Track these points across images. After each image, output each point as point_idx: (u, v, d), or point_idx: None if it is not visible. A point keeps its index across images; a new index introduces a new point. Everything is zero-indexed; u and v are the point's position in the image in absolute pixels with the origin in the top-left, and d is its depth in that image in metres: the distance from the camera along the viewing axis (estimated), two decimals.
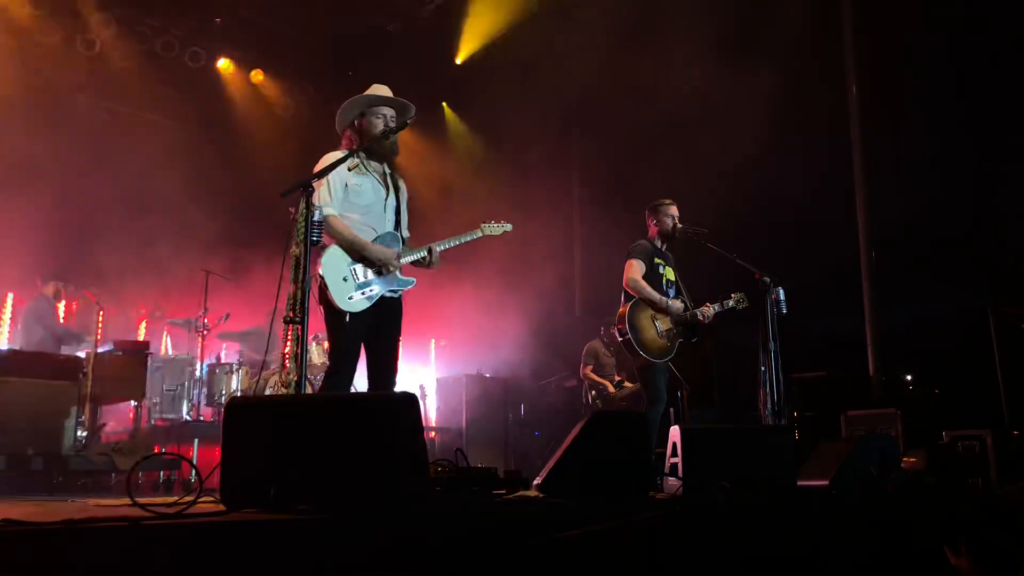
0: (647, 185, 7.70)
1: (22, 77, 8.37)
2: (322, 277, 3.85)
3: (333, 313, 3.88)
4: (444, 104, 10.89)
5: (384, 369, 4.03)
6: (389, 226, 4.15)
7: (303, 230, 3.59)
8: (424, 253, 4.15)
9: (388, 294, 4.05)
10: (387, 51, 9.89)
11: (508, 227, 4.49)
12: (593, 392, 8.09)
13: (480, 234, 4.39)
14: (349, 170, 4.02)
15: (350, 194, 4.02)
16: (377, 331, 4.01)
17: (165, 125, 9.57)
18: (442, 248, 4.21)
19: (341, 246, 3.95)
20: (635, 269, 5.42)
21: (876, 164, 8.30)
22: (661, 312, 5.35)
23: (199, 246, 8.74)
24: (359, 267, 3.97)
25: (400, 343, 4.13)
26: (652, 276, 5.46)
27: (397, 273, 4.08)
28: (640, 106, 8.74)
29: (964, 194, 7.91)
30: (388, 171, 4.22)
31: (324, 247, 3.90)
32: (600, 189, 10.05)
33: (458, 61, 10.40)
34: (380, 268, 3.99)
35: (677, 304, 5.39)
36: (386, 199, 4.16)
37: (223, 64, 9.99)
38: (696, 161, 8.03)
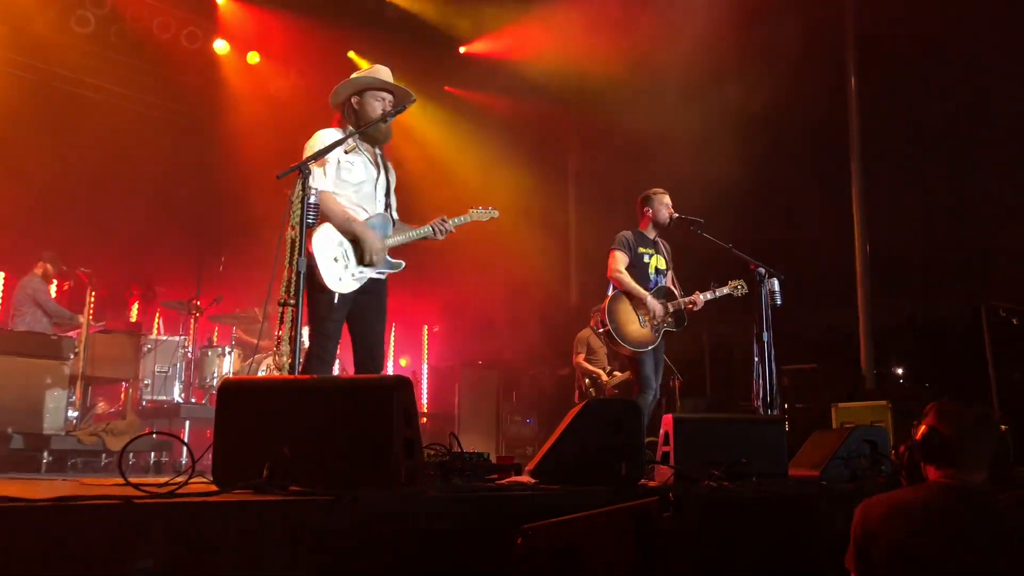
0: (643, 173, 7.70)
1: (13, 54, 8.29)
2: (312, 255, 3.79)
3: (320, 292, 3.82)
4: (446, 88, 10.82)
5: (373, 351, 4.01)
6: (380, 207, 4.12)
7: (299, 212, 3.57)
8: (415, 236, 4.12)
9: (376, 275, 4.03)
10: (387, 34, 9.82)
11: (495, 213, 4.43)
12: (587, 380, 8.10)
13: (469, 219, 4.33)
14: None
15: (341, 171, 3.98)
16: (363, 313, 3.98)
17: (161, 105, 9.51)
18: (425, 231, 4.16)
19: (334, 224, 3.92)
20: (616, 260, 5.48)
21: (873, 160, 8.32)
22: (641, 304, 5.38)
23: (193, 227, 8.70)
24: (350, 247, 3.95)
25: (385, 325, 4.12)
26: (637, 266, 5.49)
27: (386, 256, 4.06)
28: (638, 96, 8.72)
29: (957, 192, 7.95)
30: (379, 152, 4.20)
31: (317, 225, 3.87)
32: (596, 176, 10.04)
33: (462, 51, 10.35)
34: (367, 255, 3.96)
35: (655, 303, 5.40)
36: (377, 179, 4.13)
37: (219, 45, 9.90)
38: (692, 151, 8.02)
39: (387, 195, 4.18)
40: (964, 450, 2.37)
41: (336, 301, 3.85)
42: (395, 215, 4.24)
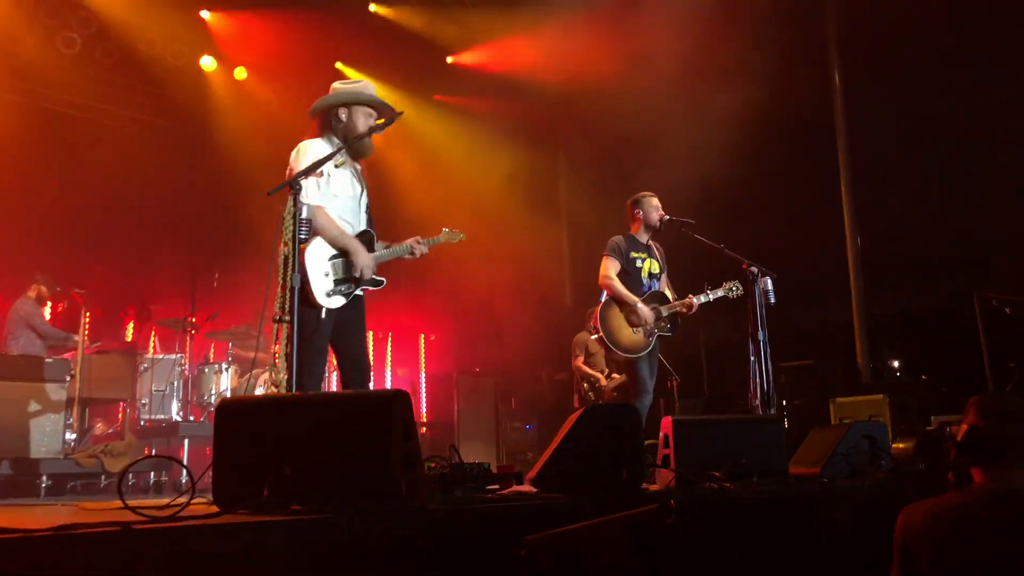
0: (634, 174, 7.71)
1: (0, 76, 8.27)
2: (304, 270, 3.77)
3: (310, 308, 3.80)
4: (435, 97, 10.84)
5: (360, 366, 4.02)
6: (363, 224, 4.13)
7: (291, 228, 3.56)
8: (397, 254, 4.14)
9: (359, 292, 4.05)
10: (375, 45, 9.82)
11: (462, 236, 4.50)
12: (585, 384, 8.09)
13: (441, 239, 4.39)
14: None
15: (331, 184, 3.97)
16: (347, 328, 3.99)
17: (150, 123, 9.49)
18: (405, 249, 4.20)
19: (325, 239, 3.92)
20: (607, 267, 5.49)
21: (861, 153, 8.35)
22: (632, 311, 5.39)
23: (186, 244, 8.67)
24: (339, 263, 3.95)
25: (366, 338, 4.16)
26: (630, 271, 5.50)
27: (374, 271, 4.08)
28: (627, 98, 8.74)
29: (947, 183, 7.98)
30: (358, 168, 4.20)
31: (309, 240, 3.86)
32: (588, 178, 10.05)
33: (449, 61, 10.36)
34: (357, 271, 3.96)
35: (646, 310, 5.40)
36: (360, 195, 4.15)
37: (206, 62, 9.88)
38: (683, 152, 8.04)
39: (368, 212, 4.20)
40: (1007, 447, 2.23)
41: (324, 316, 3.85)
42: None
